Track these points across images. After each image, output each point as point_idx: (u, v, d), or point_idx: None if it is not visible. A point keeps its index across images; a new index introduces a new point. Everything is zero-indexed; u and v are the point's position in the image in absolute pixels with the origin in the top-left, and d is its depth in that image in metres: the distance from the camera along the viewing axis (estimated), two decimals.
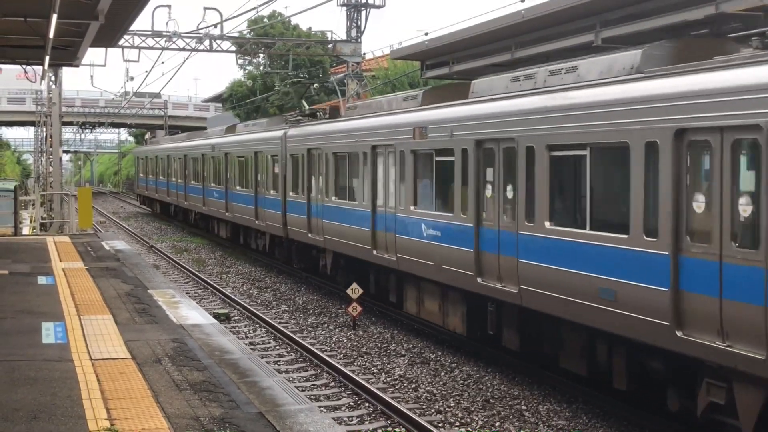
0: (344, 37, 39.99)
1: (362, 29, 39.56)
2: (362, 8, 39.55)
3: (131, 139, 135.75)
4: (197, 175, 40.73)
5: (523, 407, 13.57)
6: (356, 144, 21.00)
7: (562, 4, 17.14)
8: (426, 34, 23.63)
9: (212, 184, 37.39)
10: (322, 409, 13.01)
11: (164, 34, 37.56)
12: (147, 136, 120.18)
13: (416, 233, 17.51)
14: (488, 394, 14.33)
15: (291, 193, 26.30)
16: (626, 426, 12.49)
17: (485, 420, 12.96)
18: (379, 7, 39.68)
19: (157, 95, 75.06)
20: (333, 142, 22.75)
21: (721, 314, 9.98)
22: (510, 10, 18.97)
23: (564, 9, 17.12)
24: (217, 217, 37.29)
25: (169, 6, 38.47)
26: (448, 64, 23.49)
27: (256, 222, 30.23)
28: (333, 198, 22.68)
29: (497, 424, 12.80)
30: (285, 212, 26.74)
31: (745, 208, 9.81)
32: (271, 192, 28.51)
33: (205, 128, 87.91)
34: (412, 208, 17.87)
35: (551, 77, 14.06)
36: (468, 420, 12.98)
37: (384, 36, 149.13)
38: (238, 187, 33.23)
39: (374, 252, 19.51)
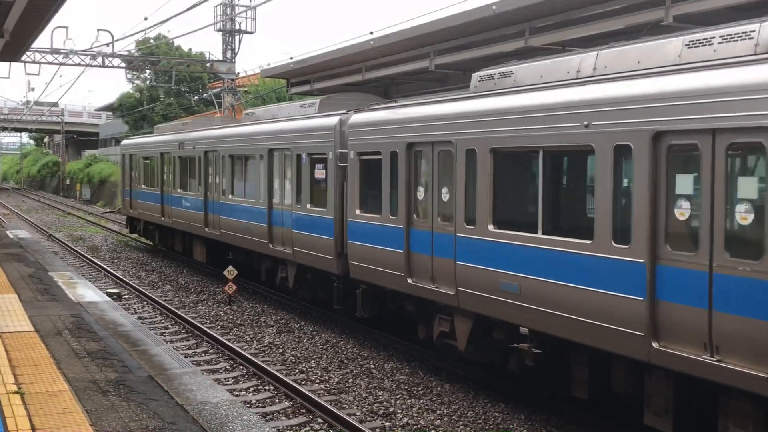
0: (220, 58, 39.44)
1: (236, 51, 39.14)
2: (236, 33, 39.12)
3: (32, 142, 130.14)
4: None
5: (372, 366, 13.75)
6: None
7: (402, 36, 17.46)
8: (291, 57, 23.52)
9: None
10: (203, 372, 12.85)
11: (62, 51, 36.19)
12: (45, 139, 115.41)
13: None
14: (343, 356, 14.46)
15: None
16: (454, 377, 12.84)
17: (341, 377, 13.08)
18: (250, 33, 39.35)
19: (55, 104, 72.02)
20: None
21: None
22: (362, 39, 19.13)
23: (404, 40, 17.44)
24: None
25: (66, 27, 37.48)
26: (309, 83, 23.51)
27: None
28: None
29: (350, 380, 12.92)
30: None
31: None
32: None
33: (97, 134, 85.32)
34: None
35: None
36: (326, 378, 13.07)
37: (255, 57, 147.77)
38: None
39: None
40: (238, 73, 41.24)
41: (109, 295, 18.32)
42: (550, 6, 13.40)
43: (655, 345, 8.31)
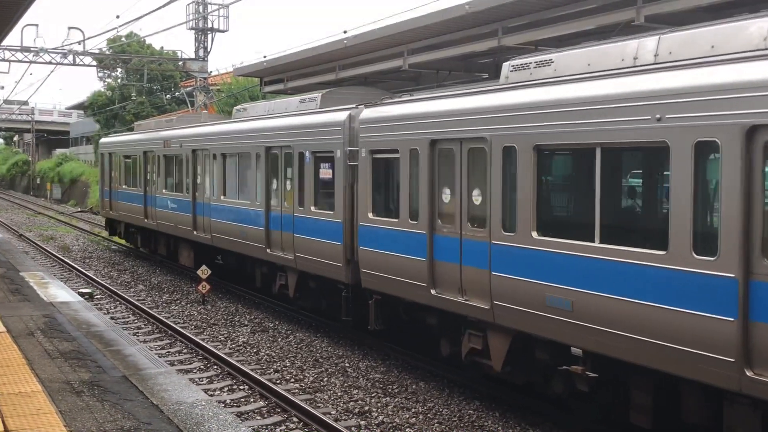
0: (193, 56, 39.21)
1: (209, 49, 38.93)
2: (208, 32, 38.90)
3: (1, 140, 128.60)
4: None
5: (347, 365, 13.75)
6: None
7: (375, 35, 17.45)
8: (264, 56, 23.42)
9: None
10: (178, 372, 12.77)
11: (32, 49, 35.82)
12: (15, 138, 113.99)
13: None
14: (317, 354, 14.45)
15: None
16: (429, 376, 12.88)
17: (315, 376, 13.07)
18: (223, 31, 39.16)
19: (25, 103, 71.29)
20: None
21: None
22: (335, 38, 19.10)
23: (378, 39, 17.44)
24: None
25: (36, 25, 37.39)
26: (283, 81, 23.43)
27: None
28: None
29: (325, 379, 12.92)
30: None
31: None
32: None
33: (68, 133, 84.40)
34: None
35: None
36: (301, 377, 13.05)
37: (228, 55, 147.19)
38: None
39: None
40: (211, 72, 41.02)
41: (82, 295, 18.16)
42: (523, 6, 13.47)
43: (748, 373, 7.17)
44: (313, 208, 14.92)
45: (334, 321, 15.74)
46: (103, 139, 31.79)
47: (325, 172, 14.55)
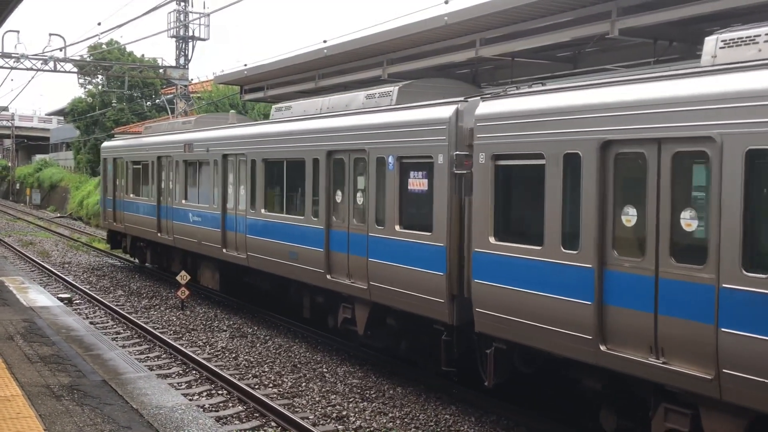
0: (174, 64, 39.19)
1: (189, 57, 38.93)
2: (189, 40, 38.93)
3: None
4: None
5: (325, 370, 13.79)
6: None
7: (355, 45, 17.54)
8: (245, 65, 23.43)
9: None
10: (157, 376, 12.76)
11: (13, 55, 35.66)
12: None
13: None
14: (296, 360, 14.47)
15: None
16: (406, 381, 12.94)
17: (294, 381, 13.09)
18: (204, 39, 39.20)
19: (5, 108, 70.79)
20: None
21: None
22: (315, 47, 19.16)
23: (358, 49, 17.53)
24: None
25: (17, 31, 37.29)
26: (263, 89, 23.45)
27: None
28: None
29: (303, 384, 12.95)
30: None
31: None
32: None
33: (48, 139, 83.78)
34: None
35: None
36: (279, 382, 13.08)
37: (208, 63, 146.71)
38: None
39: None
40: (192, 80, 41.00)
41: (61, 299, 18.07)
42: (500, 18, 13.60)
43: None
44: (397, 228, 11.98)
45: (420, 368, 13.03)
46: (106, 143, 28.33)
47: (418, 183, 11.71)
